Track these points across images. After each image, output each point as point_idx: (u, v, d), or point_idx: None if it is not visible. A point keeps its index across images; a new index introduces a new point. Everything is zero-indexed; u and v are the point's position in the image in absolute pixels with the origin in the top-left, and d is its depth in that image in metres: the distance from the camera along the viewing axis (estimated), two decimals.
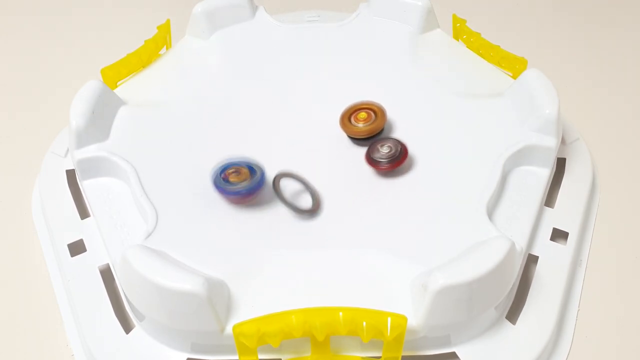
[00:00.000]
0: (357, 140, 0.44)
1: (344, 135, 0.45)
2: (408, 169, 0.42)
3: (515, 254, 0.36)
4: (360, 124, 0.44)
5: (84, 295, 0.39)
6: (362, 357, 0.35)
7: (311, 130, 0.45)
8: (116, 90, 0.47)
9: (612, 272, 0.42)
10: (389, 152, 0.41)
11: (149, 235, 0.38)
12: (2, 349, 0.39)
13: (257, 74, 0.50)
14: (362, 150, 0.43)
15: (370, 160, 0.42)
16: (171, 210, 0.39)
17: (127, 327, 0.37)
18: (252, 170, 0.40)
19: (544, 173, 0.43)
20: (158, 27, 0.53)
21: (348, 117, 0.44)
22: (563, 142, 0.48)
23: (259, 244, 0.38)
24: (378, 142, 0.42)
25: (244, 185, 0.39)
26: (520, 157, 0.43)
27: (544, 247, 0.41)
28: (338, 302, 0.34)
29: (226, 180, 0.39)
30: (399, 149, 0.42)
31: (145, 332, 0.37)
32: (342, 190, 0.41)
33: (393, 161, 0.41)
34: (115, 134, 0.44)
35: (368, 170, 0.42)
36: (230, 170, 0.40)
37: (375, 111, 0.44)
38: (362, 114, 0.44)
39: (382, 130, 0.44)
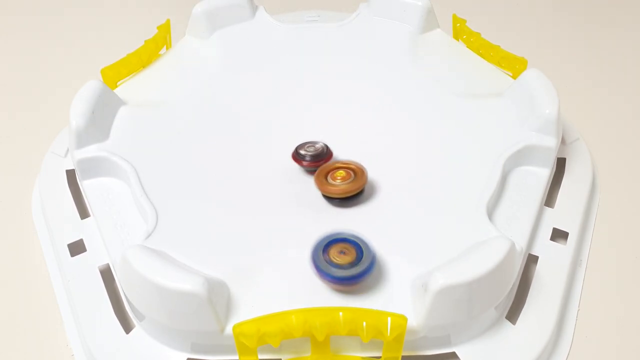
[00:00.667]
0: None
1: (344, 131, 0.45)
2: (408, 168, 0.42)
3: (515, 254, 0.36)
4: (338, 181, 0.39)
5: (84, 295, 0.39)
6: (362, 357, 0.35)
7: (312, 130, 0.45)
8: (116, 90, 0.47)
9: (612, 272, 0.42)
10: (314, 152, 0.41)
11: (149, 235, 0.38)
12: (2, 349, 0.39)
13: (257, 73, 0.50)
14: (363, 149, 0.44)
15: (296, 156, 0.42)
16: (171, 210, 0.39)
17: (127, 327, 0.37)
18: (359, 249, 0.34)
19: (544, 173, 0.43)
20: (158, 27, 0.53)
21: (325, 176, 0.40)
22: (563, 142, 0.48)
23: (259, 244, 0.38)
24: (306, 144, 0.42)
25: (351, 271, 0.33)
26: (520, 157, 0.43)
27: (544, 247, 0.41)
28: (338, 302, 0.34)
29: (328, 260, 0.34)
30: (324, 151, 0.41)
31: (145, 332, 0.37)
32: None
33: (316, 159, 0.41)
34: (115, 134, 0.44)
35: (369, 169, 0.42)
36: (337, 249, 0.34)
37: (354, 170, 0.40)
38: (341, 172, 0.40)
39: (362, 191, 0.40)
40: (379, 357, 0.34)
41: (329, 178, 0.40)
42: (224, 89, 0.48)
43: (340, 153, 0.44)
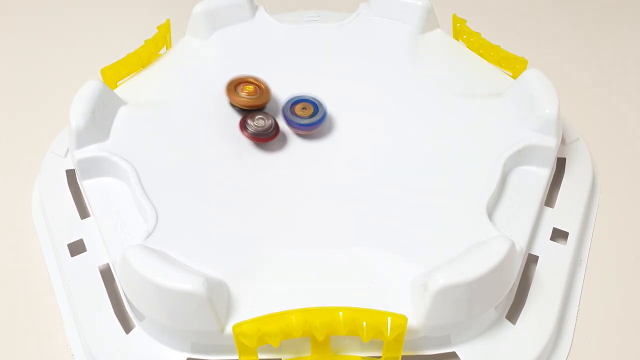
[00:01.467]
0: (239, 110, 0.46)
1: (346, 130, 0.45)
2: (409, 168, 0.42)
3: (515, 254, 0.36)
4: (244, 94, 0.45)
5: (84, 295, 0.39)
6: (362, 357, 0.35)
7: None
8: (116, 90, 0.47)
9: (612, 272, 0.42)
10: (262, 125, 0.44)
11: (149, 235, 0.38)
12: (2, 349, 0.39)
13: (257, 73, 0.50)
14: (363, 148, 0.44)
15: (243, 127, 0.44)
16: (171, 210, 0.39)
17: (127, 327, 0.37)
18: (315, 106, 0.45)
19: (544, 173, 0.43)
20: (158, 27, 0.53)
21: (234, 87, 0.46)
22: (563, 142, 0.48)
23: (259, 244, 0.38)
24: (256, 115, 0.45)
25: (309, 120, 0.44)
26: (520, 157, 0.43)
27: (544, 247, 0.41)
28: (338, 302, 0.34)
29: (294, 114, 0.45)
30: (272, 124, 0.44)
31: (145, 332, 0.37)
32: (343, 191, 0.41)
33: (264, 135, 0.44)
34: (115, 134, 0.44)
35: (369, 169, 0.42)
36: (300, 106, 0.45)
37: (260, 87, 0.46)
38: (249, 87, 0.46)
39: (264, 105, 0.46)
40: (379, 357, 0.34)
41: (238, 89, 0.46)
42: (223, 89, 0.48)
43: (340, 153, 0.44)
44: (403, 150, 0.44)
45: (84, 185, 0.42)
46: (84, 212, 0.43)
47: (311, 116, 0.44)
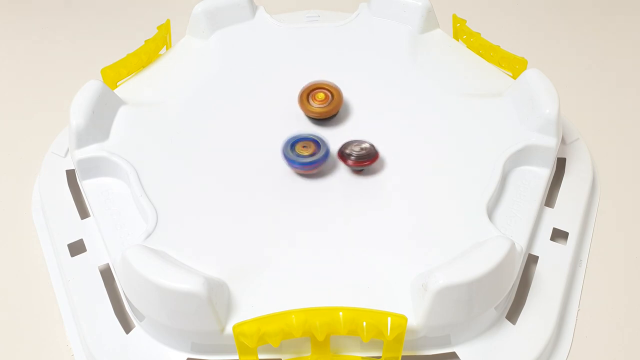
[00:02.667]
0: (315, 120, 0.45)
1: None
2: (408, 168, 0.42)
3: (515, 254, 0.36)
4: (316, 104, 0.45)
5: (84, 295, 0.39)
6: (362, 357, 0.35)
7: (312, 130, 0.45)
8: (116, 90, 0.47)
9: (612, 272, 0.42)
10: (360, 151, 0.42)
11: (149, 235, 0.38)
12: (2, 348, 0.39)
13: (257, 74, 0.50)
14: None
15: (342, 155, 0.42)
16: (171, 210, 0.39)
17: (127, 327, 0.37)
18: (317, 144, 0.43)
19: (544, 173, 0.43)
20: (158, 27, 0.53)
21: (306, 96, 0.45)
22: (563, 142, 0.48)
23: (259, 244, 0.38)
24: (353, 143, 0.43)
25: (311, 158, 0.42)
26: (520, 157, 0.43)
27: (544, 247, 0.41)
28: (338, 302, 0.34)
29: (295, 152, 0.42)
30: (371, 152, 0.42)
31: (145, 332, 0.37)
32: (342, 190, 0.41)
33: (362, 159, 0.42)
34: (115, 134, 0.44)
35: (369, 170, 0.42)
36: (301, 145, 0.43)
37: (332, 92, 0.45)
38: (320, 95, 0.45)
39: (337, 113, 0.45)
40: (379, 357, 0.34)
41: (310, 99, 0.45)
42: (224, 89, 0.48)
43: (341, 152, 0.44)
44: (403, 150, 0.44)
45: (84, 185, 0.42)
46: (84, 212, 0.43)
47: (313, 154, 0.42)
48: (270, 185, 0.42)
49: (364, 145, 0.42)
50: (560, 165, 0.46)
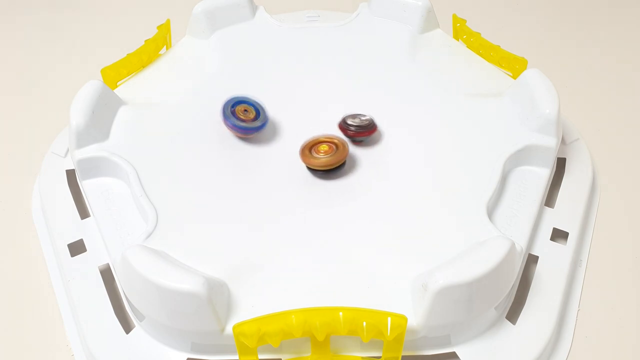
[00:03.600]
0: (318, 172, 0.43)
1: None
2: (409, 169, 0.42)
3: (515, 254, 0.36)
4: (321, 155, 0.42)
5: (84, 295, 0.39)
6: (362, 357, 0.35)
7: (311, 130, 0.45)
8: (116, 90, 0.47)
9: (612, 272, 0.42)
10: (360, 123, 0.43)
11: (149, 235, 0.38)
12: (2, 348, 0.39)
13: (257, 73, 0.50)
14: (363, 149, 0.44)
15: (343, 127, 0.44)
16: (171, 210, 0.39)
17: (127, 327, 0.37)
18: (257, 111, 0.44)
19: (544, 173, 0.43)
20: (158, 27, 0.53)
21: (309, 149, 0.42)
22: (563, 142, 0.48)
23: (259, 244, 0.38)
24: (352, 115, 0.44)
25: (250, 124, 0.43)
26: (520, 157, 0.43)
27: (544, 247, 0.41)
28: (338, 302, 0.34)
29: (235, 115, 0.44)
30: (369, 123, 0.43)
31: (145, 332, 0.37)
32: (342, 190, 0.41)
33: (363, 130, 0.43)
34: (115, 134, 0.44)
35: (369, 169, 0.42)
36: (241, 108, 0.44)
37: (336, 144, 0.42)
38: (324, 146, 0.42)
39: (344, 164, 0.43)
40: (379, 357, 0.34)
41: (312, 152, 0.42)
42: (224, 89, 0.48)
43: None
44: (403, 150, 0.44)
45: (84, 185, 0.42)
46: (84, 212, 0.43)
47: (254, 120, 0.44)
48: (271, 185, 0.42)
49: (363, 118, 0.43)
50: (560, 165, 0.46)
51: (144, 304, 0.35)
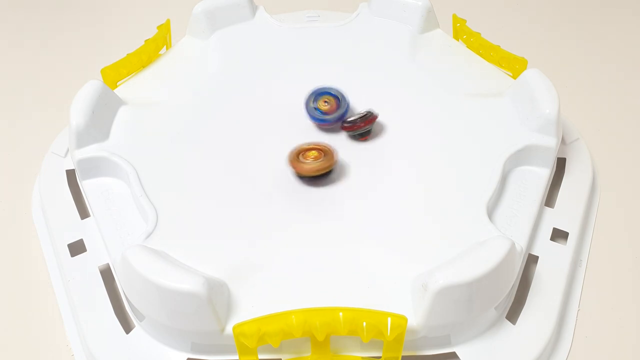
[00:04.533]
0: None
1: (345, 133, 0.45)
2: (408, 169, 0.42)
3: (515, 254, 0.36)
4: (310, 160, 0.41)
5: (84, 295, 0.39)
6: (362, 357, 0.35)
7: (312, 130, 0.45)
8: (116, 90, 0.47)
9: (612, 272, 0.42)
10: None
11: (149, 235, 0.38)
12: (2, 348, 0.39)
13: (257, 74, 0.50)
14: (364, 149, 0.44)
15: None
16: (171, 210, 0.39)
17: (127, 327, 0.37)
18: (338, 99, 0.45)
19: (544, 173, 0.43)
20: (158, 27, 0.53)
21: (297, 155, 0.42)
22: (563, 142, 0.48)
23: (259, 244, 0.38)
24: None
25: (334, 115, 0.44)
26: (520, 157, 0.43)
27: (544, 247, 0.41)
28: (338, 302, 0.34)
29: (317, 108, 0.45)
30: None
31: (145, 332, 0.37)
32: (342, 190, 0.41)
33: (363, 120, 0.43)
34: (115, 134, 0.44)
35: (369, 169, 0.42)
36: (322, 100, 0.45)
37: (324, 151, 0.42)
38: (313, 152, 0.42)
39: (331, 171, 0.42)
40: (379, 357, 0.34)
41: (300, 157, 0.42)
42: (223, 89, 0.48)
43: (341, 152, 0.43)
44: (402, 150, 0.44)
45: (84, 185, 0.42)
46: (84, 212, 0.43)
47: (335, 111, 0.44)
48: (271, 185, 0.42)
49: (361, 112, 0.44)
50: (560, 165, 0.46)
51: (144, 304, 0.35)
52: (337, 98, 0.45)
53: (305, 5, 0.59)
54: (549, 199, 0.44)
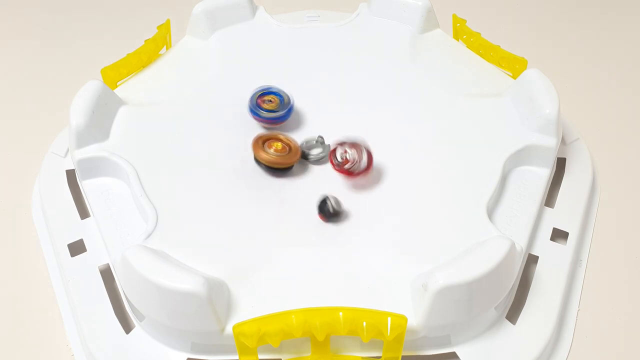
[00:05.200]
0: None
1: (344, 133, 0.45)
2: (409, 168, 0.42)
3: (515, 254, 0.36)
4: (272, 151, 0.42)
5: (84, 295, 0.39)
6: (362, 357, 0.35)
7: (312, 130, 0.45)
8: (116, 90, 0.47)
9: (612, 272, 0.42)
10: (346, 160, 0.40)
11: (149, 235, 0.38)
12: (2, 348, 0.39)
13: (257, 74, 0.50)
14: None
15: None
16: (171, 210, 0.39)
17: (127, 327, 0.37)
18: (281, 98, 0.45)
19: (544, 173, 0.43)
20: (158, 27, 0.53)
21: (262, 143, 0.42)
22: (563, 142, 0.48)
23: (259, 244, 0.38)
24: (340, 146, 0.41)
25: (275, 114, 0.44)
26: (520, 157, 0.43)
27: (544, 247, 0.41)
28: (338, 302, 0.34)
29: (259, 106, 0.44)
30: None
31: (145, 332, 0.37)
32: (342, 190, 0.41)
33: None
34: (115, 134, 0.44)
35: (368, 169, 0.42)
36: (265, 98, 0.45)
37: (290, 147, 0.42)
38: (278, 144, 0.42)
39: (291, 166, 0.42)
40: (379, 357, 0.34)
41: (265, 146, 0.42)
42: (223, 89, 0.48)
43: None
44: (402, 150, 0.44)
45: (84, 185, 0.42)
46: (84, 212, 0.43)
47: (277, 110, 0.44)
48: (271, 185, 0.42)
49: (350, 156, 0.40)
50: (560, 165, 0.46)
51: (144, 304, 0.35)
52: (280, 97, 0.45)
53: (305, 5, 0.59)
54: (549, 199, 0.44)
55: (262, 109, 0.44)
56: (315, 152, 0.43)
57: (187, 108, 0.47)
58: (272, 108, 0.44)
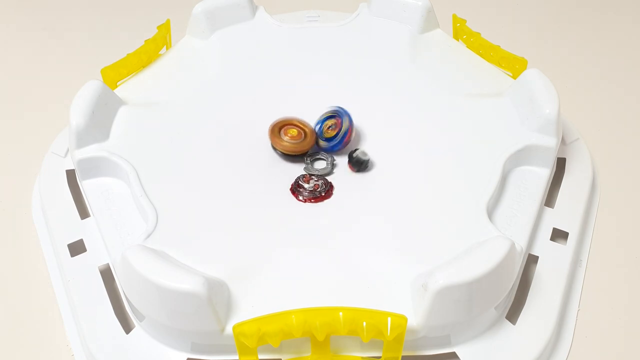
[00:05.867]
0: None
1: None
2: (408, 168, 0.42)
3: (515, 254, 0.36)
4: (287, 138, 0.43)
5: (84, 295, 0.39)
6: (362, 357, 0.35)
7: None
8: (116, 90, 0.47)
9: (612, 272, 0.42)
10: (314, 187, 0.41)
11: (149, 235, 0.38)
12: (2, 348, 0.39)
13: (257, 74, 0.50)
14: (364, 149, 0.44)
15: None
16: (171, 210, 0.39)
17: (127, 327, 0.37)
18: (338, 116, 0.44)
19: (544, 173, 0.43)
20: (158, 27, 0.53)
21: (278, 130, 0.43)
22: (563, 142, 0.48)
23: (259, 244, 0.38)
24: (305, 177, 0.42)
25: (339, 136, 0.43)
26: (520, 157, 0.43)
27: (544, 247, 0.41)
28: (338, 302, 0.34)
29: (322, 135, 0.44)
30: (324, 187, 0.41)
31: (145, 332, 0.37)
32: (342, 190, 0.41)
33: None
34: (115, 134, 0.44)
35: (368, 169, 0.42)
36: (327, 127, 0.44)
37: (306, 132, 0.43)
38: (293, 131, 0.43)
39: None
40: (379, 357, 0.34)
41: (281, 133, 0.43)
42: (223, 89, 0.48)
43: (341, 152, 0.44)
44: (402, 150, 0.44)
45: (84, 185, 0.42)
46: (84, 212, 0.43)
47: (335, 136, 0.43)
48: (271, 185, 0.42)
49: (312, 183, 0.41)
50: (560, 165, 0.46)
51: (144, 304, 0.35)
52: (339, 117, 0.43)
53: (305, 5, 0.59)
54: (549, 199, 0.44)
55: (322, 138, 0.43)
56: (319, 166, 0.43)
57: (187, 108, 0.47)
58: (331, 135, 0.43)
